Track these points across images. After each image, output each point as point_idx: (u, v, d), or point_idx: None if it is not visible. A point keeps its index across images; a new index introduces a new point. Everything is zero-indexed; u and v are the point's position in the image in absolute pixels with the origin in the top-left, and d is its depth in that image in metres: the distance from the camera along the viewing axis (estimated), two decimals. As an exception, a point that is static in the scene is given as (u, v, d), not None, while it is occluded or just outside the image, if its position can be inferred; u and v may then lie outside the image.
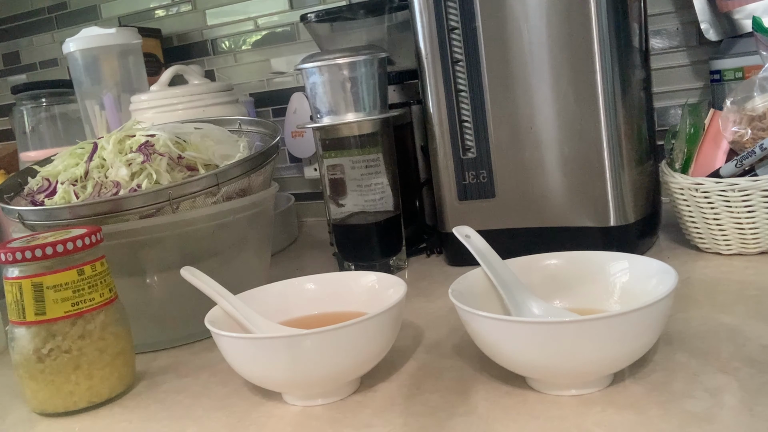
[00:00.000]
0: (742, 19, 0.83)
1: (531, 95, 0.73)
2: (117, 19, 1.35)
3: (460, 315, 0.50)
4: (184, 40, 1.29)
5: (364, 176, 0.81)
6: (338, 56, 0.76)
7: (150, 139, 0.71)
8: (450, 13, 0.74)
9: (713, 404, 0.44)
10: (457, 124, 0.77)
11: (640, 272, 0.54)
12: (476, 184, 0.77)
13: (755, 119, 0.71)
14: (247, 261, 0.74)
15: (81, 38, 1.05)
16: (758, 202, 0.68)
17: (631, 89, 0.73)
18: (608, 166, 0.72)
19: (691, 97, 0.95)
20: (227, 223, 0.69)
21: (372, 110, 0.78)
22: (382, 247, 0.82)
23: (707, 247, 0.73)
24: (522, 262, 0.59)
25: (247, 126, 0.85)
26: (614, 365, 0.47)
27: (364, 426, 0.48)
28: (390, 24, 0.92)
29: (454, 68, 0.75)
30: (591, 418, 0.44)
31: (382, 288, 0.59)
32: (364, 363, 0.52)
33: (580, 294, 0.57)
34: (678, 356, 0.51)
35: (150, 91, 0.98)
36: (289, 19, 1.20)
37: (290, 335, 0.52)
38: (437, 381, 0.53)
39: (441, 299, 0.70)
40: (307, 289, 0.63)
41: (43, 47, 1.47)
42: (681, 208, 0.73)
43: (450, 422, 0.46)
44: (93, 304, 0.56)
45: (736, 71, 0.83)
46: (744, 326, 0.55)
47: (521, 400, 0.48)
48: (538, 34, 0.72)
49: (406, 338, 0.62)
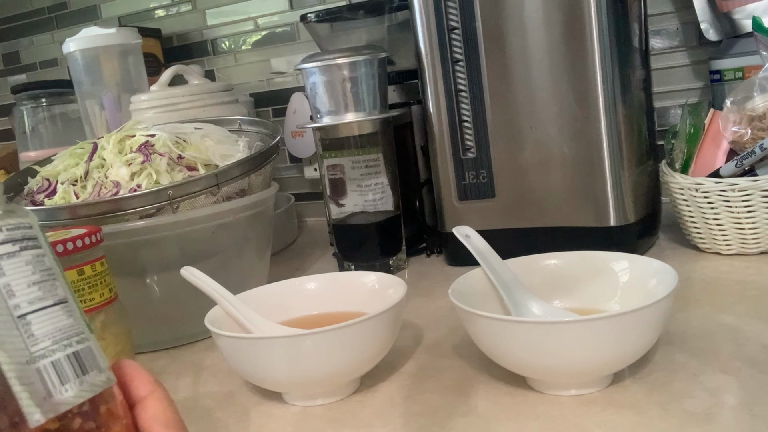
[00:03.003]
0: (742, 19, 0.83)
1: (531, 95, 0.73)
2: (117, 19, 1.35)
3: (460, 315, 0.50)
4: (184, 40, 1.29)
5: (364, 176, 0.81)
6: (338, 56, 0.75)
7: (150, 139, 0.71)
8: (450, 13, 0.74)
9: (713, 404, 0.44)
10: (457, 124, 0.77)
11: (640, 272, 0.54)
12: (476, 184, 0.77)
13: (755, 119, 0.71)
14: (247, 261, 0.74)
15: (81, 38, 1.05)
16: (758, 202, 0.68)
17: (631, 89, 0.73)
18: (608, 166, 0.72)
19: (691, 97, 0.94)
20: (227, 223, 0.69)
21: (372, 110, 0.78)
22: (382, 247, 0.82)
23: (707, 247, 0.73)
24: (522, 262, 0.59)
25: (247, 126, 0.86)
26: (614, 365, 0.47)
27: (364, 426, 0.48)
28: (390, 24, 0.92)
29: (454, 68, 0.75)
30: (591, 418, 0.44)
31: (382, 288, 0.59)
32: (364, 363, 0.52)
33: (580, 294, 0.57)
34: (678, 356, 0.51)
35: (150, 91, 0.98)
36: (289, 19, 1.20)
37: (290, 335, 0.53)
38: (437, 381, 0.53)
39: (441, 299, 0.70)
40: (307, 289, 0.63)
41: (43, 47, 1.47)
42: (681, 208, 0.73)
43: (450, 422, 0.46)
44: (93, 304, 0.56)
45: (736, 71, 0.83)
46: (744, 326, 0.55)
47: (521, 400, 0.48)
48: (538, 34, 0.72)
49: (406, 338, 0.62)
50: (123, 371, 0.29)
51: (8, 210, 0.26)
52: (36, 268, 0.26)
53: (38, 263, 0.26)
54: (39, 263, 0.26)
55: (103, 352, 0.27)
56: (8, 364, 0.24)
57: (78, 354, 0.26)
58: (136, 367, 0.29)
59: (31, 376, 0.24)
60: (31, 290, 0.25)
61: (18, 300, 0.25)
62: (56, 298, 0.26)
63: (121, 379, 0.29)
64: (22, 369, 0.24)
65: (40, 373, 0.24)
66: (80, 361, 0.26)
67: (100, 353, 0.27)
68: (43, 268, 0.26)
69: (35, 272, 0.26)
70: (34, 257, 0.26)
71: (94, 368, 0.26)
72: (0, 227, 0.25)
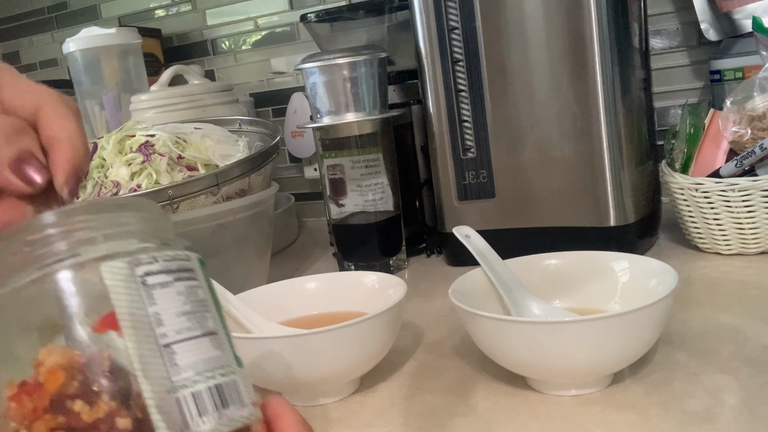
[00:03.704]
0: (742, 19, 0.83)
1: (531, 95, 0.73)
2: (117, 19, 1.35)
3: (460, 315, 0.50)
4: (184, 40, 1.29)
5: (364, 176, 0.81)
6: (338, 56, 0.75)
7: (150, 139, 0.71)
8: (450, 13, 0.74)
9: (713, 404, 0.44)
10: (457, 124, 0.77)
11: (640, 272, 0.54)
12: (476, 184, 0.77)
13: (755, 119, 0.71)
14: (247, 261, 0.74)
15: (81, 38, 1.05)
16: (758, 202, 0.68)
17: (631, 89, 0.73)
18: (608, 166, 0.72)
19: (691, 97, 0.94)
20: (227, 223, 0.69)
21: (372, 110, 0.78)
22: (382, 247, 0.82)
23: (707, 247, 0.73)
24: (522, 262, 0.59)
25: (247, 126, 0.86)
26: (614, 365, 0.47)
27: (364, 426, 0.48)
28: (390, 24, 0.92)
29: (454, 68, 0.75)
30: (591, 418, 0.44)
31: (382, 288, 0.59)
32: (364, 363, 0.52)
33: (580, 294, 0.57)
34: (678, 356, 0.51)
35: (150, 91, 0.98)
36: (289, 19, 1.20)
37: (290, 335, 0.53)
38: (437, 381, 0.53)
39: (441, 299, 0.70)
40: (307, 289, 0.63)
41: (43, 47, 1.47)
42: (681, 208, 0.73)
43: (450, 422, 0.46)
44: (93, 304, 0.56)
45: (736, 71, 0.83)
46: (744, 326, 0.55)
47: (521, 400, 0.48)
48: (538, 34, 0.72)
49: (406, 338, 0.62)
50: (271, 409, 0.28)
51: (165, 242, 0.27)
52: (188, 299, 0.26)
53: (191, 294, 0.26)
54: (192, 294, 0.26)
55: None
56: (149, 392, 0.24)
57: (221, 387, 0.25)
58: (285, 406, 0.28)
59: (170, 405, 0.24)
60: (180, 320, 0.25)
61: (165, 329, 0.25)
62: (205, 329, 0.26)
63: (268, 417, 0.27)
64: (163, 397, 0.24)
65: (179, 403, 0.24)
66: (222, 394, 0.25)
67: (247, 388, 0.26)
68: (196, 299, 0.26)
69: (187, 303, 0.26)
70: (187, 288, 0.26)
71: (236, 402, 0.25)
72: (156, 257, 0.26)
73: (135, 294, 0.25)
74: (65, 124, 0.29)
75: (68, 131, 0.28)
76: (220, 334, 0.26)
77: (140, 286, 0.25)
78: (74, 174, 0.28)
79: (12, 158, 0.27)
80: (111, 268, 0.25)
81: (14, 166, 0.27)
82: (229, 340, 0.27)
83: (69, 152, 0.28)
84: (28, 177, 0.27)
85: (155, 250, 0.26)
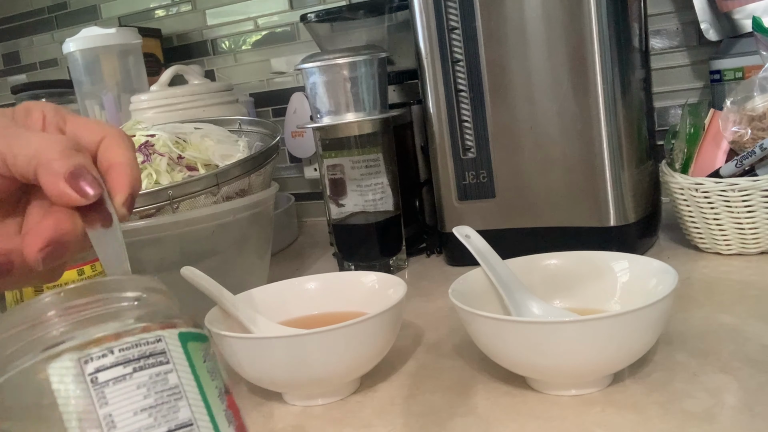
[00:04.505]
0: (742, 19, 0.83)
1: (531, 95, 0.73)
2: (117, 19, 1.35)
3: (460, 315, 0.50)
4: (184, 40, 1.29)
5: (364, 176, 0.81)
6: (338, 56, 0.75)
7: (150, 139, 0.71)
8: (450, 13, 0.74)
9: (713, 404, 0.44)
10: (457, 124, 0.77)
11: (640, 272, 0.54)
12: (476, 184, 0.77)
13: (755, 119, 0.71)
14: (247, 261, 0.74)
15: (81, 38, 1.05)
16: (758, 202, 0.68)
17: (631, 89, 0.73)
18: (608, 166, 0.72)
19: (691, 97, 0.94)
20: (227, 223, 0.69)
21: (372, 110, 0.78)
22: (382, 247, 0.82)
23: (707, 247, 0.73)
24: (522, 262, 0.59)
25: (247, 126, 0.85)
26: (614, 365, 0.47)
27: (364, 426, 0.48)
28: (390, 24, 0.92)
29: (454, 68, 0.75)
30: (591, 418, 0.44)
31: (382, 288, 0.59)
32: (364, 363, 0.52)
33: (580, 294, 0.57)
34: (678, 356, 0.51)
35: (150, 91, 0.98)
36: (289, 19, 1.20)
37: (290, 335, 0.53)
38: (437, 381, 0.53)
39: (441, 299, 0.70)
40: (307, 289, 0.63)
41: (43, 47, 1.47)
42: (681, 208, 0.73)
43: (450, 422, 0.46)
44: (93, 304, 0.56)
45: (736, 71, 0.83)
46: (744, 326, 0.55)
47: (521, 400, 0.48)
48: (538, 34, 0.72)
49: (406, 338, 0.62)
50: None
51: (127, 329, 0.24)
52: (151, 391, 0.23)
53: (156, 384, 0.24)
54: (158, 384, 0.24)
55: None
56: None
57: None
58: None
59: None
60: (137, 419, 0.23)
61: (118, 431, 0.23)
62: (173, 423, 0.23)
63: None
64: None
65: None
66: None
67: None
68: (163, 388, 0.24)
69: (149, 395, 0.23)
70: (151, 378, 0.24)
71: None
72: (112, 349, 0.24)
73: (83, 395, 0.23)
74: (125, 151, 0.31)
75: (127, 157, 0.31)
76: (197, 424, 0.24)
77: (89, 386, 0.23)
78: (131, 194, 0.31)
79: (68, 170, 0.28)
80: (57, 369, 0.23)
81: (69, 178, 0.28)
82: (215, 424, 0.24)
83: (128, 174, 0.31)
84: (82, 189, 0.28)
85: (113, 339, 0.24)
